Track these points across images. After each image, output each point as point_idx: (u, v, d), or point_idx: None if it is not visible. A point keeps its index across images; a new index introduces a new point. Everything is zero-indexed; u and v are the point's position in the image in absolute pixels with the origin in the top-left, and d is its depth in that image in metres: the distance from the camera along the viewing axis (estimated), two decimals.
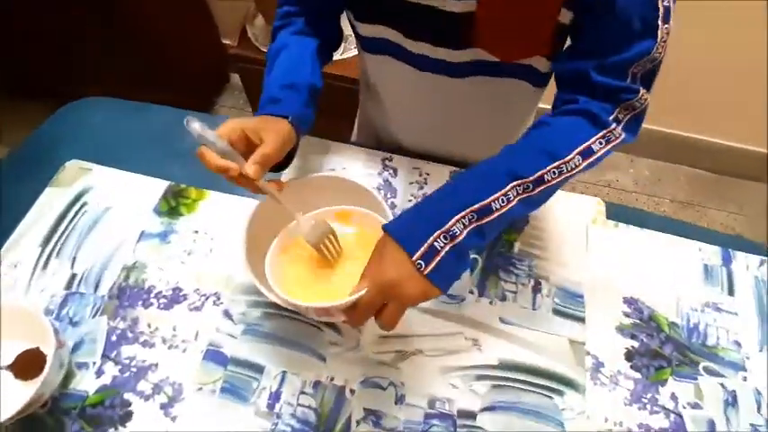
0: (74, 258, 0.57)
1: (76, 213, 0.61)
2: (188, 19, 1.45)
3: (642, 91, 0.42)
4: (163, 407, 0.48)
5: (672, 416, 0.50)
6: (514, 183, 0.39)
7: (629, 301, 0.57)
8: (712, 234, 0.64)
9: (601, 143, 0.42)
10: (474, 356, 0.53)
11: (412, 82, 0.57)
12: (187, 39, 1.44)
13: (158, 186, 0.63)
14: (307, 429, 0.48)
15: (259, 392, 0.50)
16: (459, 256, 0.38)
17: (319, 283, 0.46)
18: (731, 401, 0.51)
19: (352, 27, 0.57)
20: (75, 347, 0.51)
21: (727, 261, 0.61)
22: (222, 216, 0.61)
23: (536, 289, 0.57)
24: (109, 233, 0.59)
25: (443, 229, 0.37)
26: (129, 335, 0.52)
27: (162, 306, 0.54)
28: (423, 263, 0.36)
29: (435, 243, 0.37)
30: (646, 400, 0.51)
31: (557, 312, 0.56)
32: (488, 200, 0.38)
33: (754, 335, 0.56)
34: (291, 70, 0.52)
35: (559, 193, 0.65)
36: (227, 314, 0.54)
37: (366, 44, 0.57)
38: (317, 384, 0.50)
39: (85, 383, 0.49)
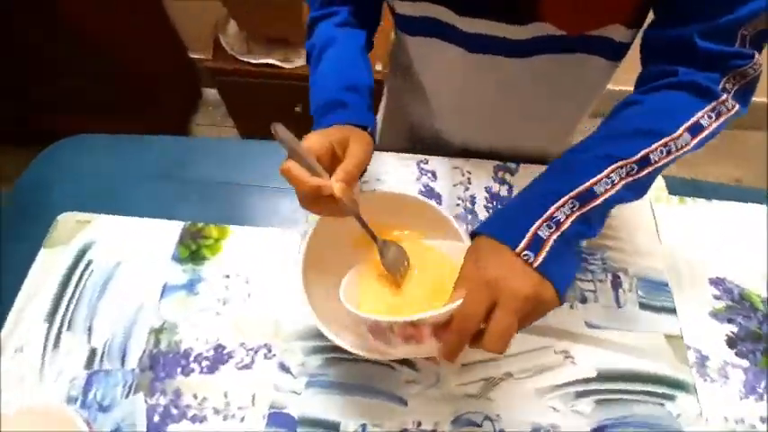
0: (89, 329, 0.49)
1: (82, 275, 0.52)
2: (152, 38, 1.33)
3: (756, 56, 0.36)
4: None
5: None
6: (615, 165, 0.34)
7: (716, 282, 0.53)
8: None
9: (710, 116, 0.36)
10: (569, 371, 0.47)
11: (462, 65, 0.50)
12: (153, 59, 1.33)
13: (172, 229, 0.55)
14: None
15: None
16: (569, 248, 0.33)
17: (392, 306, 0.40)
18: None
19: (390, 7, 0.50)
20: None
21: None
22: (252, 253, 0.53)
23: (616, 284, 0.52)
24: (125, 293, 0.51)
25: (544, 217, 0.32)
26: (174, 411, 0.44)
27: (205, 370, 0.47)
28: (530, 254, 0.31)
29: (539, 232, 0.32)
30: (761, 390, 0.46)
31: (644, 307, 0.51)
32: (588, 183, 0.33)
33: None
34: (348, 70, 0.45)
35: None
36: (283, 367, 0.47)
37: (406, 25, 0.50)
38: None
39: None
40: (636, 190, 0.35)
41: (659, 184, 0.60)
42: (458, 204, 0.57)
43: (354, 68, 0.46)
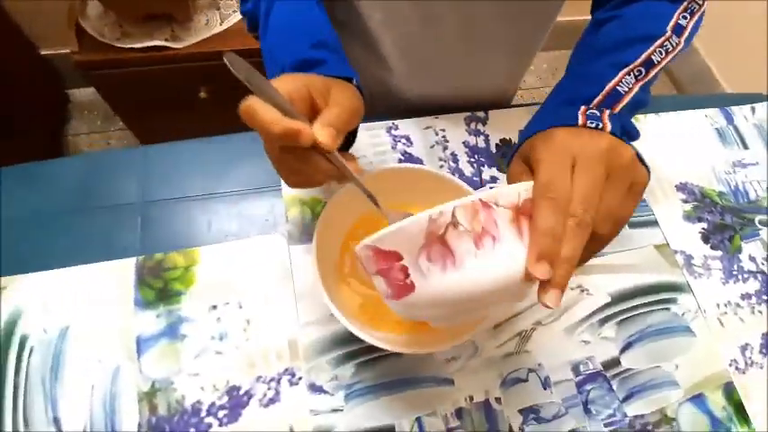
0: (56, 422, 0.38)
1: (19, 360, 0.40)
2: None
3: None
4: None
5: (758, 276, 0.53)
6: (625, 71, 0.34)
7: (681, 187, 0.57)
8: (705, 98, 0.67)
9: (685, 17, 0.38)
10: (588, 303, 0.49)
11: (420, 15, 0.46)
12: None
13: (123, 270, 0.44)
14: None
15: None
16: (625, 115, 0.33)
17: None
18: None
19: None
20: None
21: (729, 119, 0.64)
22: (235, 273, 0.46)
23: None
24: (87, 364, 0.40)
25: (584, 108, 0.31)
26: None
27: (226, 420, 0.40)
28: (595, 122, 0.30)
29: (588, 123, 0.30)
30: (735, 272, 0.53)
31: (631, 225, 0.54)
32: (610, 86, 0.33)
33: None
34: (311, 25, 0.38)
35: None
36: (314, 388, 0.42)
37: None
38: (459, 412, 0.42)
39: None
40: (648, 91, 0.36)
41: None
42: (441, 166, 0.54)
43: (317, 22, 0.38)
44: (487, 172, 0.54)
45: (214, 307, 0.44)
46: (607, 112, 0.31)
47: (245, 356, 0.42)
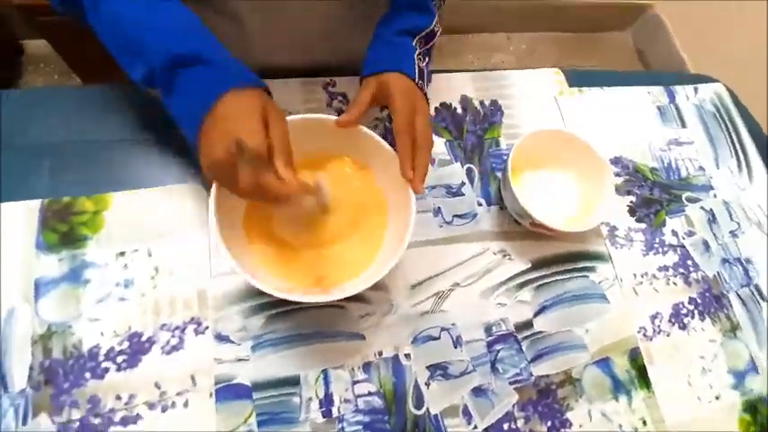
0: None
1: None
2: None
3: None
4: None
5: (678, 249, 0.54)
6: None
7: (615, 161, 0.58)
8: (652, 76, 0.67)
9: None
10: (508, 267, 0.49)
11: None
12: None
13: (27, 212, 0.42)
14: (378, 417, 0.41)
15: (306, 405, 0.40)
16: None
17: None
18: (712, 219, 0.57)
19: None
20: None
21: (671, 98, 0.64)
22: (146, 220, 0.44)
23: None
24: None
25: (417, 52, 0.45)
26: (96, 421, 0.37)
27: (124, 366, 0.39)
28: (422, 82, 0.44)
29: (419, 65, 0.44)
30: (657, 245, 0.54)
31: None
32: (431, 27, 0.47)
33: (709, 155, 0.61)
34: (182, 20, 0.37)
35: (517, 74, 0.61)
36: (221, 338, 0.41)
37: None
38: (367, 367, 0.42)
39: None
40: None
41: (558, 78, 0.62)
42: (375, 126, 0.53)
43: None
44: None
45: (122, 253, 0.42)
46: (425, 65, 0.45)
47: (150, 304, 0.41)
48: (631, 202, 0.56)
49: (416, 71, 0.43)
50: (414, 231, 0.47)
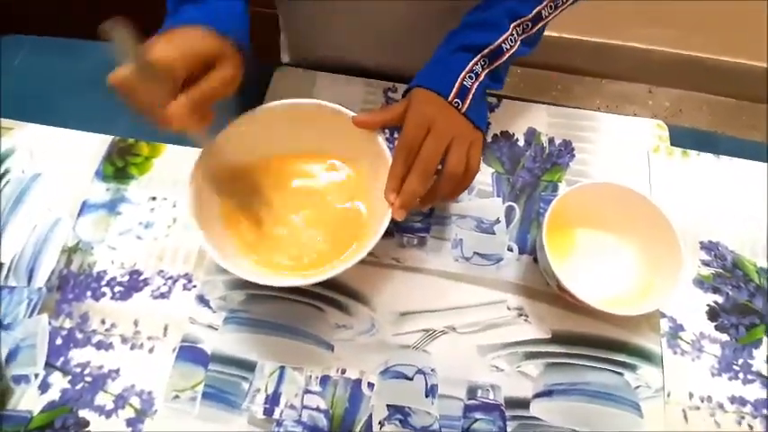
0: None
1: None
2: None
3: None
4: (130, 423, 0.38)
5: None
6: (515, 23, 0.40)
7: (709, 247, 0.46)
8: None
9: None
10: (521, 330, 0.42)
11: None
12: None
13: (100, 144, 0.49)
14: None
15: (252, 395, 0.39)
16: (483, 96, 0.41)
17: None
18: None
19: None
20: (11, 357, 0.40)
21: None
22: (184, 176, 0.48)
23: None
24: (41, 207, 0.46)
25: (467, 69, 0.39)
26: (79, 336, 0.41)
27: (118, 296, 0.42)
28: (459, 101, 0.38)
29: (464, 82, 0.38)
30: (737, 368, 0.41)
31: None
32: (497, 43, 0.39)
33: None
34: None
35: (606, 117, 0.52)
36: (202, 300, 0.42)
37: None
38: (325, 380, 0.40)
39: (28, 401, 0.38)
40: (529, 45, 0.42)
41: (660, 133, 0.51)
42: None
43: None
44: None
45: (153, 198, 0.47)
46: (475, 85, 0.38)
47: (158, 248, 0.44)
48: (716, 302, 0.43)
49: (455, 89, 0.38)
50: (426, 258, 0.43)
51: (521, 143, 0.50)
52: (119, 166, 0.48)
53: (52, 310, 0.42)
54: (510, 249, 0.45)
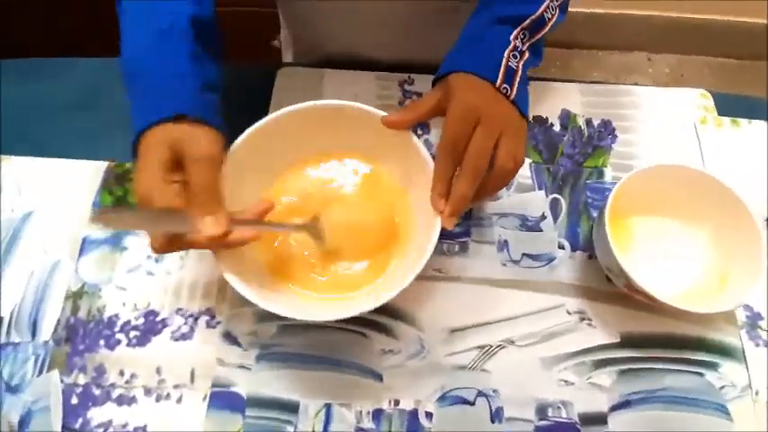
0: None
1: None
2: None
3: None
4: None
5: None
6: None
7: None
8: None
9: None
10: (585, 336, 0.38)
11: None
12: None
13: (94, 172, 0.44)
14: None
15: None
16: (526, 78, 0.35)
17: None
18: None
19: None
20: (23, 424, 0.35)
21: None
22: None
23: None
24: (36, 249, 0.41)
25: (510, 47, 0.34)
26: (96, 392, 0.36)
27: (134, 342, 0.38)
28: (507, 86, 0.33)
29: (510, 63, 0.33)
30: None
31: None
32: (539, 12, 0.35)
33: None
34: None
35: (644, 90, 0.48)
36: (229, 337, 0.38)
37: None
38: (377, 414, 0.35)
39: None
40: (564, 10, 0.38)
41: (705, 102, 0.47)
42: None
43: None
44: None
45: None
46: (520, 66, 0.34)
47: (173, 284, 0.40)
48: None
49: (501, 72, 0.33)
50: (470, 265, 0.39)
51: (556, 128, 0.46)
52: (118, 195, 0.43)
53: (63, 366, 0.37)
54: (561, 247, 0.41)
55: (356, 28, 0.51)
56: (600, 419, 0.35)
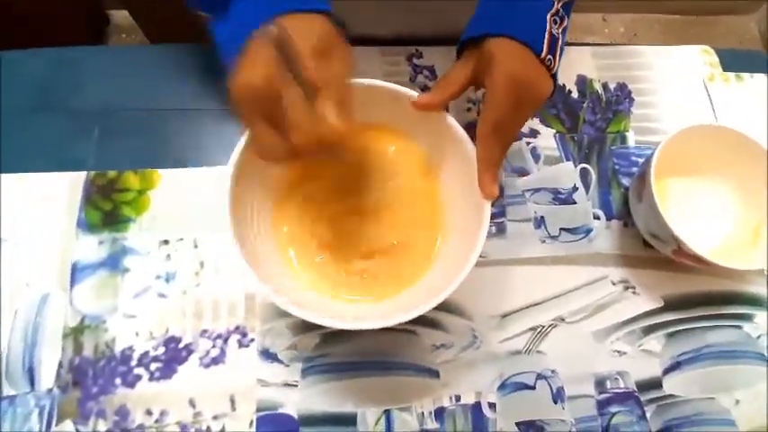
0: None
1: None
2: None
3: None
4: None
5: None
6: None
7: None
8: None
9: None
10: (632, 304, 0.38)
11: None
12: None
13: (71, 185, 0.38)
14: None
15: None
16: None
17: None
18: None
19: None
20: None
21: None
22: (197, 205, 0.38)
23: None
24: (16, 285, 0.35)
25: (552, 10, 0.30)
26: None
27: (158, 375, 0.33)
28: (552, 58, 0.30)
29: (553, 31, 0.30)
30: None
31: None
32: None
33: None
34: None
35: (653, 50, 0.47)
36: (267, 355, 0.34)
37: None
38: (440, 413, 0.34)
39: None
40: None
41: (710, 59, 0.48)
42: (468, 109, 0.43)
43: None
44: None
45: (165, 242, 0.37)
46: (561, 33, 0.30)
47: (192, 304, 0.35)
48: None
49: (545, 40, 0.29)
50: (510, 246, 0.37)
51: (575, 95, 0.45)
52: (106, 210, 0.37)
53: (76, 414, 0.32)
54: (596, 217, 0.40)
55: (351, 1, 0.46)
56: (656, 384, 0.36)
